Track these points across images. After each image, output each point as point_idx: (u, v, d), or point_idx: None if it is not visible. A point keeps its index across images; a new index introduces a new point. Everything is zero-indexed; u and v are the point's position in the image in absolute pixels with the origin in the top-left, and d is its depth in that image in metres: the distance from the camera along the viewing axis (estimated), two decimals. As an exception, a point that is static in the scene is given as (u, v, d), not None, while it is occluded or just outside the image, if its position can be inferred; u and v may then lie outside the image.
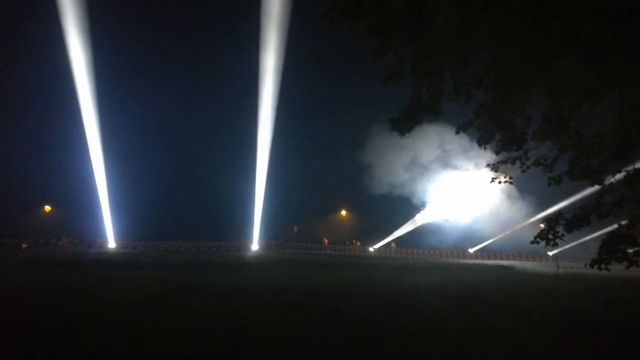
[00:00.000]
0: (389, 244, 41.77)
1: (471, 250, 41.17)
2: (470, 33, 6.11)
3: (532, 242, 7.49)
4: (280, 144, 37.16)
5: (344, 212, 46.45)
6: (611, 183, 7.15)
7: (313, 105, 47.33)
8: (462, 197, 38.08)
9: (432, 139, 38.33)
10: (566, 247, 31.36)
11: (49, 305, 9.36)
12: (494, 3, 5.93)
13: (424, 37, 6.20)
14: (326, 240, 41.44)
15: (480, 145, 7.76)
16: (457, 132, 8.02)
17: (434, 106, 6.96)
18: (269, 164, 36.67)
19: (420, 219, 40.83)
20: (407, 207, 41.14)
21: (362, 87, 39.50)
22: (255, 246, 38.59)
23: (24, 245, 34.00)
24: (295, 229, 42.70)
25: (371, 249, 40.98)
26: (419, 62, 6.36)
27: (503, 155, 7.98)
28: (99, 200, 34.96)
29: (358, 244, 42.17)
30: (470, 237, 40.26)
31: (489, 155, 10.47)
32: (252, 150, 36.30)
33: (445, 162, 39.88)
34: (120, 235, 37.05)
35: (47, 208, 41.21)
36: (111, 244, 36.48)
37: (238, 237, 40.26)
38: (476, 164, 37.51)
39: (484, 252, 41.00)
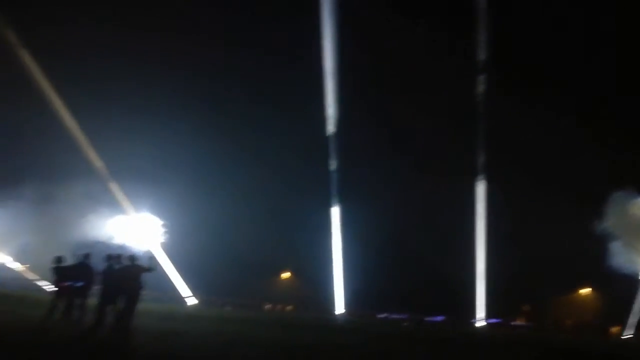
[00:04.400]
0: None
1: None
2: None
3: None
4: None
5: (585, 290, 40.32)
6: None
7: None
8: None
9: None
10: None
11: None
12: None
13: None
14: (569, 322, 36.13)
15: None
16: None
17: None
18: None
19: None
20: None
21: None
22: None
23: (266, 306, 38.54)
24: (526, 307, 38.57)
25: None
26: None
27: None
28: (331, 269, 37.55)
29: (614, 329, 35.61)
30: None
31: None
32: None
33: None
34: (349, 303, 38.69)
35: (286, 275, 46.02)
36: (339, 310, 38.38)
37: (459, 312, 38.16)
38: None
39: None
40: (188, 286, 36.01)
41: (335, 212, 37.90)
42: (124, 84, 32.73)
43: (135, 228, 31.00)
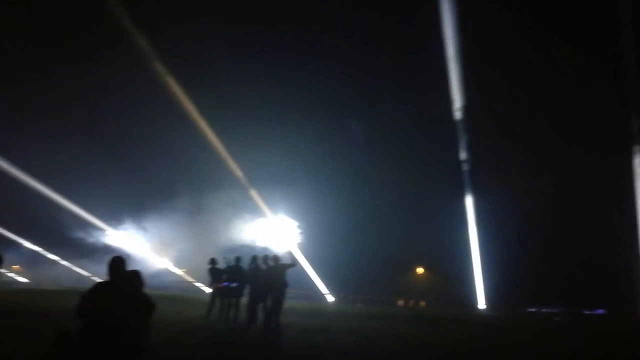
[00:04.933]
0: None
1: None
2: None
3: None
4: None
5: None
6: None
7: None
8: None
9: None
10: None
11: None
12: None
13: None
14: None
15: None
16: None
17: None
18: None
19: None
20: None
21: None
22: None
23: (400, 302, 38.19)
24: None
25: None
26: None
27: None
28: (469, 262, 35.96)
29: None
30: None
31: None
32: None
33: None
34: (490, 298, 36.73)
35: (420, 270, 45.12)
36: (480, 305, 36.60)
37: (623, 304, 33.80)
38: None
39: None
40: (325, 284, 37.22)
41: (470, 202, 36.13)
42: (257, 96, 35.14)
43: (275, 230, 32.94)
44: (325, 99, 39.42)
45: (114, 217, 33.98)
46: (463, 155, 35.48)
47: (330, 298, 36.76)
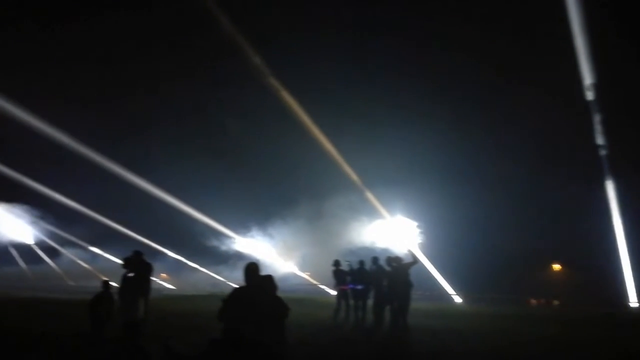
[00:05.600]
0: None
1: None
2: None
3: None
4: None
5: None
6: None
7: None
8: None
9: None
10: None
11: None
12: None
13: None
14: None
15: None
16: None
17: None
18: None
19: None
20: None
21: None
22: None
23: (532, 301, 35.35)
24: None
25: None
26: None
27: None
28: (614, 256, 32.18)
29: None
30: None
31: None
32: None
33: None
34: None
35: (556, 267, 41.59)
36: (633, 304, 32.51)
37: None
38: None
39: None
40: (450, 284, 35.98)
41: (611, 190, 32.21)
42: (369, 101, 35.51)
43: (393, 231, 32.70)
44: (444, 90, 38.25)
45: (243, 226, 36.76)
46: (599, 139, 31.83)
47: (457, 299, 35.44)
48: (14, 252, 48.41)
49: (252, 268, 5.64)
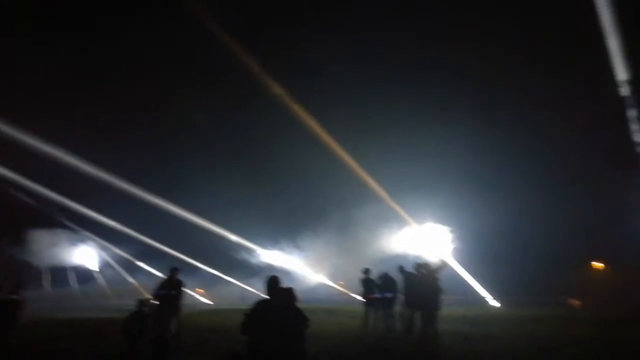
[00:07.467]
0: None
1: None
2: None
3: None
4: None
5: None
6: None
7: None
8: None
9: None
10: None
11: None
12: None
13: None
14: None
15: None
16: None
17: None
18: None
19: None
20: None
21: None
22: None
23: (575, 303, 34.12)
24: None
25: None
26: None
27: None
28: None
29: None
30: None
31: None
32: None
33: None
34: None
35: (596, 265, 40.27)
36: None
37: None
38: None
39: None
40: (486, 288, 35.31)
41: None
42: (391, 111, 35.62)
43: (424, 239, 32.37)
44: (474, 91, 37.82)
45: (275, 240, 37.68)
46: (637, 136, 30.68)
47: (492, 302, 34.71)
48: (72, 275, 49.92)
49: (272, 281, 5.84)
